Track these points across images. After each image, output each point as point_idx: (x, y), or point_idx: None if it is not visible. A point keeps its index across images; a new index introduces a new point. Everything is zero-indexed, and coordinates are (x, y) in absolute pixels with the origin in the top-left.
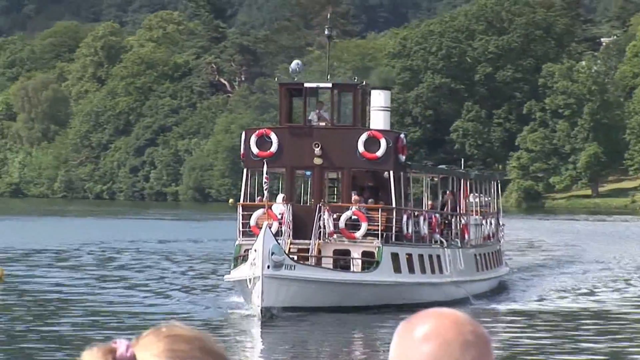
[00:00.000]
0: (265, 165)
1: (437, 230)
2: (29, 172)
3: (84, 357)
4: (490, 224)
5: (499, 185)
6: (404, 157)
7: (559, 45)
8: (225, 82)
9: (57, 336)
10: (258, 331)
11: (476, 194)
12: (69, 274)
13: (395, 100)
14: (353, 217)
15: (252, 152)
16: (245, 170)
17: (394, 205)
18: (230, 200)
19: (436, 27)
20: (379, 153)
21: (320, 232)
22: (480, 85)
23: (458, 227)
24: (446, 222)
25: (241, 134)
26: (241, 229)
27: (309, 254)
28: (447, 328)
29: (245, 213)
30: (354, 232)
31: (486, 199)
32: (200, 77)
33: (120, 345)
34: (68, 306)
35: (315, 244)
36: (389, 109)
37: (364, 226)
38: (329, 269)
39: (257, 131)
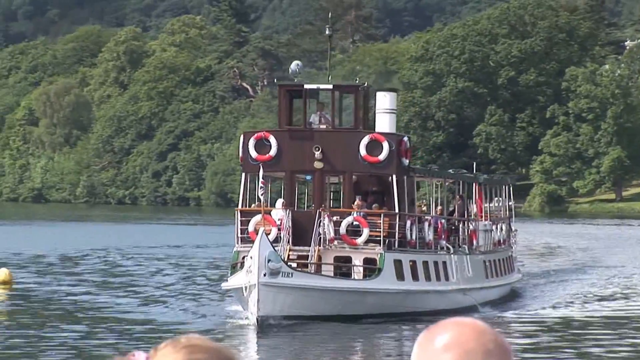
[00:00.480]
0: (261, 170)
1: (442, 236)
2: (51, 178)
3: None
4: (501, 229)
5: (511, 189)
6: (407, 161)
7: (582, 49)
8: (248, 87)
9: (61, 343)
10: (254, 341)
11: (487, 199)
12: (76, 280)
13: (418, 104)
14: (354, 222)
15: (250, 155)
16: (243, 175)
17: (396, 210)
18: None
19: (459, 31)
20: (382, 157)
21: (320, 238)
22: (503, 89)
23: (466, 233)
24: (453, 227)
25: (239, 137)
26: (239, 235)
27: (308, 261)
28: (468, 337)
29: (244, 219)
30: (355, 239)
31: (497, 204)
32: (223, 82)
33: (139, 357)
34: (70, 313)
35: (315, 251)
36: (394, 111)
37: (365, 232)
38: (329, 276)
39: (256, 134)
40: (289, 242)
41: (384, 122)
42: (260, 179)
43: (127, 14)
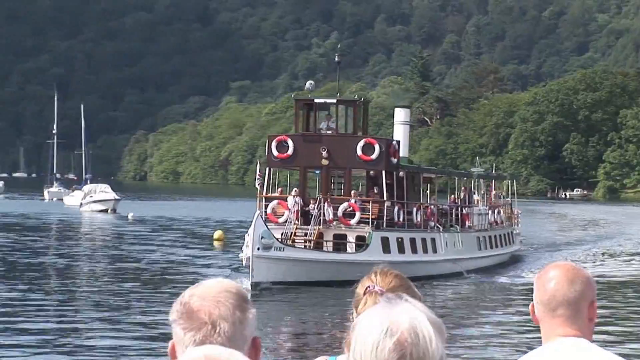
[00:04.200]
0: (258, 164)
1: (432, 218)
2: None
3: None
4: (498, 212)
5: (514, 182)
6: (395, 160)
7: (630, 98)
8: (427, 119)
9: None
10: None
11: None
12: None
13: (528, 130)
14: (349, 207)
15: (273, 154)
16: (267, 169)
17: (384, 197)
18: None
19: (555, 87)
20: (374, 156)
21: (320, 219)
22: (582, 122)
23: (459, 216)
24: (443, 211)
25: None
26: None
27: (307, 237)
28: (560, 273)
29: (267, 203)
30: (349, 220)
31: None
32: (412, 117)
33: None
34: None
35: (315, 230)
36: (408, 123)
37: (357, 215)
38: (319, 250)
39: (277, 137)
40: (297, 222)
41: (399, 131)
42: (258, 172)
43: (363, 76)
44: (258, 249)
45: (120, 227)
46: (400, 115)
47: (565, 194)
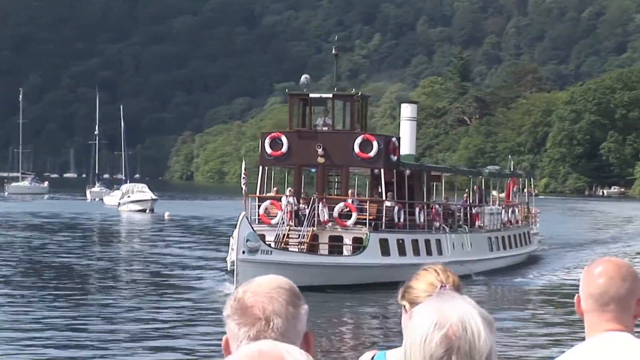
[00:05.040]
0: (243, 163)
1: (437, 219)
2: None
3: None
4: (513, 212)
5: (531, 180)
6: (395, 157)
7: None
8: (467, 119)
9: None
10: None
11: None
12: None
13: (565, 129)
14: (346, 208)
15: (266, 152)
16: (260, 168)
17: (384, 197)
18: None
19: (592, 86)
20: (372, 153)
21: (315, 220)
22: (619, 121)
23: (467, 216)
24: (449, 211)
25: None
26: (252, 217)
27: (299, 240)
28: (612, 268)
29: (260, 204)
30: (345, 221)
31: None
32: (452, 116)
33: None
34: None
35: (308, 232)
36: (415, 119)
37: (354, 216)
38: (312, 253)
39: (270, 134)
40: (288, 223)
41: (406, 127)
42: (243, 171)
43: (405, 77)
44: (243, 252)
45: (152, 227)
46: (407, 111)
47: (602, 192)
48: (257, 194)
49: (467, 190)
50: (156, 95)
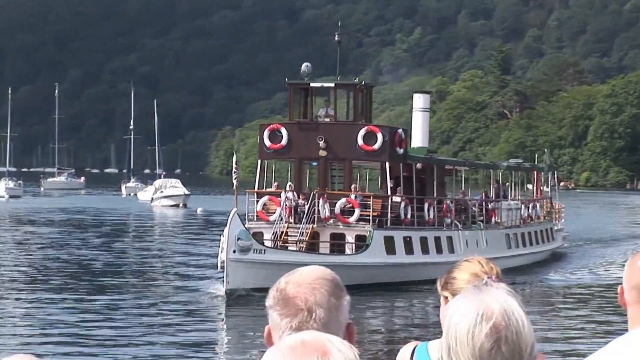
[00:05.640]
0: (234, 156)
1: (448, 215)
2: None
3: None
4: (534, 207)
5: (554, 174)
6: (401, 150)
7: None
8: (507, 112)
9: None
10: (222, 312)
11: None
12: None
13: (607, 122)
14: (348, 204)
15: (265, 145)
16: (259, 161)
17: (389, 192)
18: None
19: (633, 79)
20: (376, 146)
21: (315, 217)
22: None
23: (483, 211)
24: (463, 207)
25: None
26: (249, 214)
27: (298, 238)
28: None
29: (259, 199)
30: (348, 218)
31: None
32: (492, 110)
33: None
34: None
35: (307, 229)
36: (427, 109)
37: (356, 212)
38: (310, 252)
39: (270, 126)
40: (288, 220)
41: (418, 119)
42: (234, 165)
43: (447, 71)
44: (234, 251)
45: (182, 223)
46: (419, 101)
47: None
48: (256, 189)
49: (492, 184)
50: (197, 90)
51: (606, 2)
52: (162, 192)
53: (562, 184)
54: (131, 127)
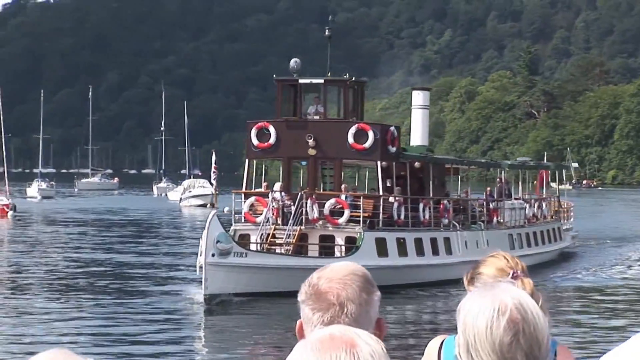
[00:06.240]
0: (213, 155)
1: (445, 215)
2: None
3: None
4: (540, 207)
5: (562, 173)
6: (394, 148)
7: None
8: (535, 112)
9: None
10: (201, 317)
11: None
12: None
13: (633, 121)
14: (338, 204)
15: (253, 143)
16: (247, 161)
17: (380, 192)
18: None
19: None
20: (367, 144)
21: (302, 218)
22: None
23: (483, 211)
24: (462, 207)
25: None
26: (236, 215)
27: (285, 240)
28: None
29: (245, 200)
30: (337, 219)
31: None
32: (520, 109)
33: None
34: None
35: (295, 231)
36: (427, 107)
37: (346, 213)
38: (296, 255)
39: (257, 124)
40: (274, 221)
41: (418, 116)
42: (213, 165)
43: (475, 72)
44: (213, 255)
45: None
46: (419, 98)
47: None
48: (244, 189)
49: (497, 183)
50: (232, 91)
51: (632, 3)
52: (190, 192)
53: (585, 182)
54: (162, 129)
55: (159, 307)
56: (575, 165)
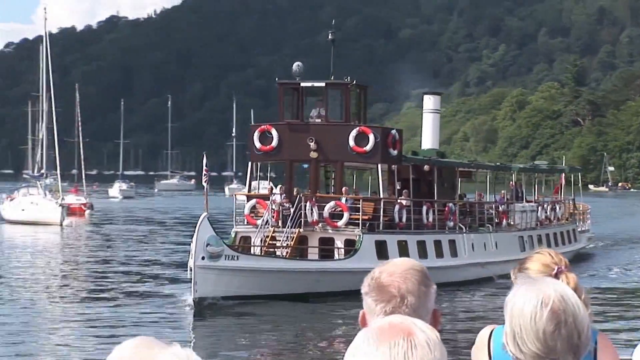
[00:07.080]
0: (204, 158)
1: (451, 218)
2: None
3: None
4: (552, 209)
5: (579, 176)
6: (395, 151)
7: None
8: (580, 120)
9: None
10: (190, 321)
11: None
12: None
13: None
14: (337, 207)
15: (255, 146)
16: (250, 164)
17: (381, 195)
18: None
19: None
20: (368, 147)
21: (301, 221)
22: None
23: (492, 214)
24: (468, 210)
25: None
26: (237, 217)
27: (281, 242)
28: None
29: (246, 202)
30: (337, 222)
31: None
32: (566, 118)
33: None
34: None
35: (293, 234)
36: (438, 111)
37: (345, 216)
38: (291, 258)
39: (260, 127)
40: (273, 224)
41: (429, 120)
42: (204, 167)
43: (527, 84)
44: (203, 258)
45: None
46: (429, 102)
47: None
48: (247, 192)
49: (510, 185)
50: None
51: None
52: (255, 192)
53: (620, 184)
54: (233, 135)
55: (148, 311)
56: (611, 168)
